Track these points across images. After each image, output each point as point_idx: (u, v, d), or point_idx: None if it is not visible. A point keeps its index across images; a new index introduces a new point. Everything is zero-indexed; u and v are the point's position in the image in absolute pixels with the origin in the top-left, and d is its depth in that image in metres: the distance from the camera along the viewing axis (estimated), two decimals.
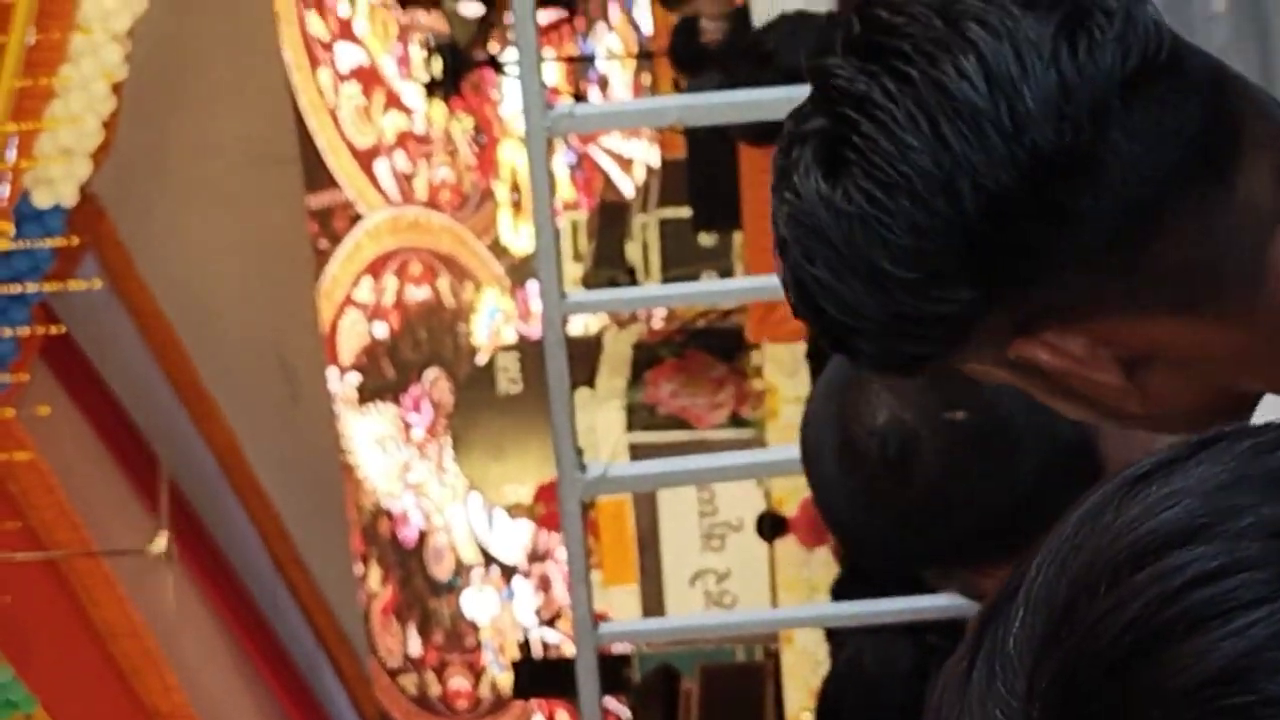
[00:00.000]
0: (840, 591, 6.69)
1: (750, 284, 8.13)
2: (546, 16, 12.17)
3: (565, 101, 8.27)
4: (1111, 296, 1.39)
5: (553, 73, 14.82)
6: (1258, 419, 1.48)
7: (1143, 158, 1.35)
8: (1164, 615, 0.81)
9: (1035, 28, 1.34)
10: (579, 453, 3.74)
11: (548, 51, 13.37)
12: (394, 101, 16.54)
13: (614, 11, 14.19)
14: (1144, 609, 0.81)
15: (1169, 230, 1.37)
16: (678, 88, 12.14)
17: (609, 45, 14.92)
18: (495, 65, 13.11)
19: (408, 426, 16.85)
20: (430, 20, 15.99)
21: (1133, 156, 1.35)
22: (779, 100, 4.12)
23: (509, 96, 15.13)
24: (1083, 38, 1.35)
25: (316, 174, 14.85)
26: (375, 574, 16.06)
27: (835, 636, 6.96)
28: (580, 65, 16.25)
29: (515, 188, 16.37)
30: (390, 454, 16.63)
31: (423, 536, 17.08)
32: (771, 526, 11.16)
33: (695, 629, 12.03)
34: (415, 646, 17.10)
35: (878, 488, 2.05)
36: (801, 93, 1.49)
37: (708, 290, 9.84)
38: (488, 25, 13.05)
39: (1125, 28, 1.35)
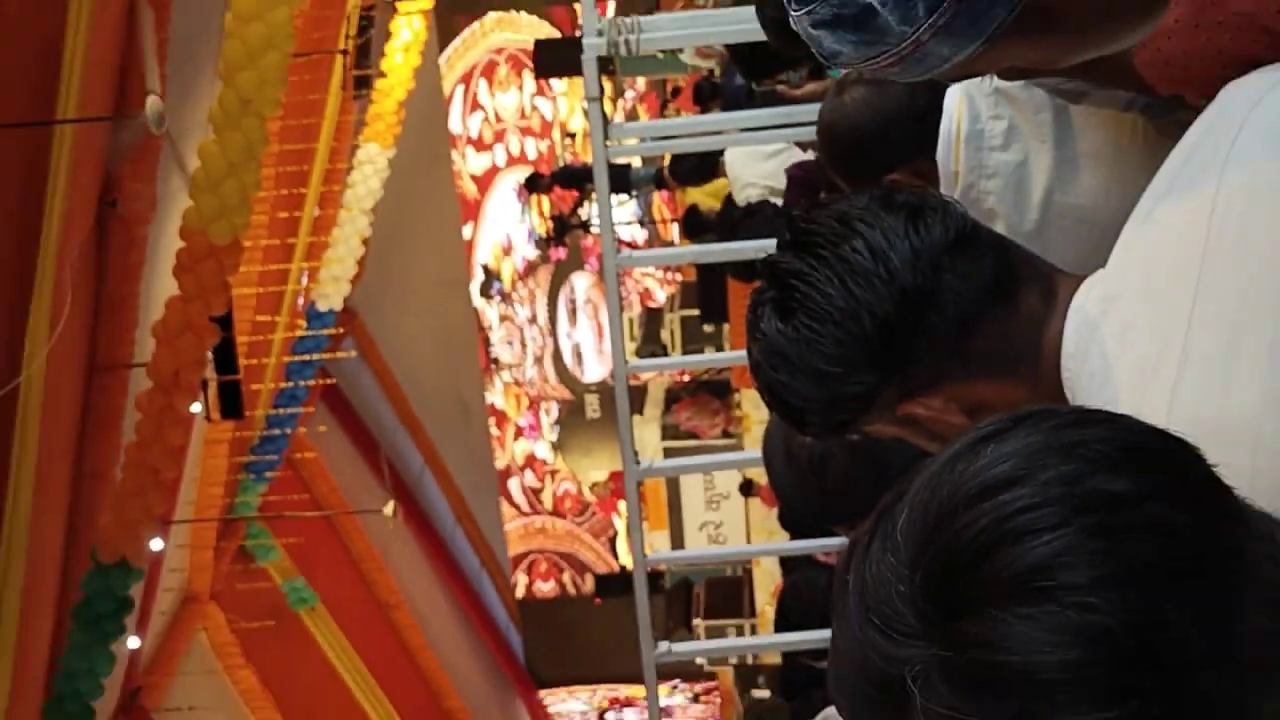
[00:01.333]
0: (783, 521, 6.47)
1: (734, 355, 7.99)
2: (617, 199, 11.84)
3: (626, 250, 8.05)
4: (955, 372, 1.33)
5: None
6: None
7: (963, 291, 1.32)
8: (998, 531, 0.80)
9: (892, 219, 1.33)
10: (635, 454, 3.55)
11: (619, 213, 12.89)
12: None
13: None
14: (986, 527, 0.80)
15: (984, 333, 1.33)
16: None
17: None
18: (585, 227, 12.80)
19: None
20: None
21: (957, 291, 1.32)
22: (750, 249, 3.99)
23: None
24: (921, 222, 1.33)
25: None
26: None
27: (785, 563, 7.02)
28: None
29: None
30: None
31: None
32: (747, 488, 11.24)
33: (703, 557, 11.91)
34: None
35: (807, 482, 2.04)
36: (763, 246, 1.46)
37: (709, 359, 9.63)
38: (581, 200, 12.93)
39: (945, 215, 1.34)
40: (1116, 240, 1.33)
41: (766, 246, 1.46)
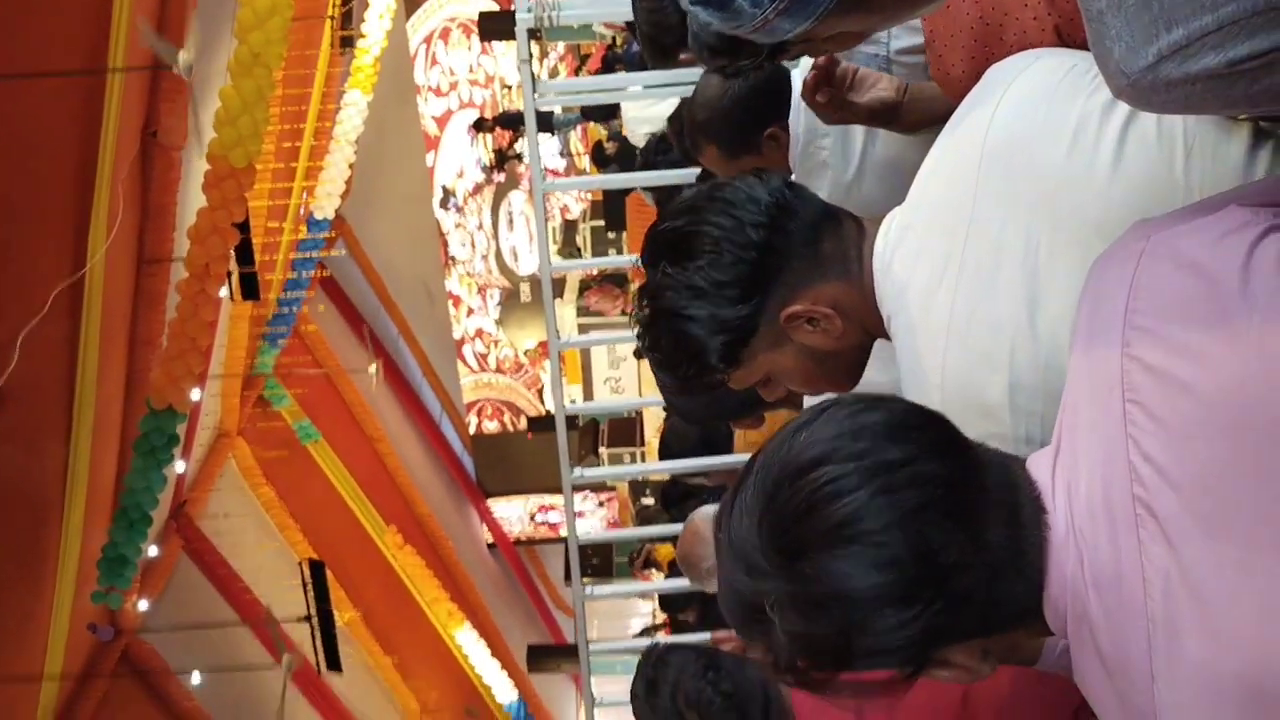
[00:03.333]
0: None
1: (630, 258, 8.00)
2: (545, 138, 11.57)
3: (552, 178, 7.90)
4: (813, 274, 1.23)
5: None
6: None
7: (804, 232, 1.23)
8: (813, 499, 0.82)
9: (741, 179, 1.27)
10: (557, 331, 3.36)
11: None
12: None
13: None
14: (806, 496, 0.82)
15: (827, 238, 1.24)
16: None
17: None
18: (519, 158, 12.46)
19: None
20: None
21: (800, 228, 1.23)
22: (647, 178, 3.78)
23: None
24: (762, 174, 1.26)
25: None
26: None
27: (665, 407, 7.13)
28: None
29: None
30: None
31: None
32: (639, 353, 11.20)
33: (607, 406, 12.10)
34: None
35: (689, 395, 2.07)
36: (656, 175, 1.28)
37: (612, 260, 9.45)
38: (516, 138, 12.68)
39: (774, 174, 1.27)
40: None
41: (652, 177, 1.33)
